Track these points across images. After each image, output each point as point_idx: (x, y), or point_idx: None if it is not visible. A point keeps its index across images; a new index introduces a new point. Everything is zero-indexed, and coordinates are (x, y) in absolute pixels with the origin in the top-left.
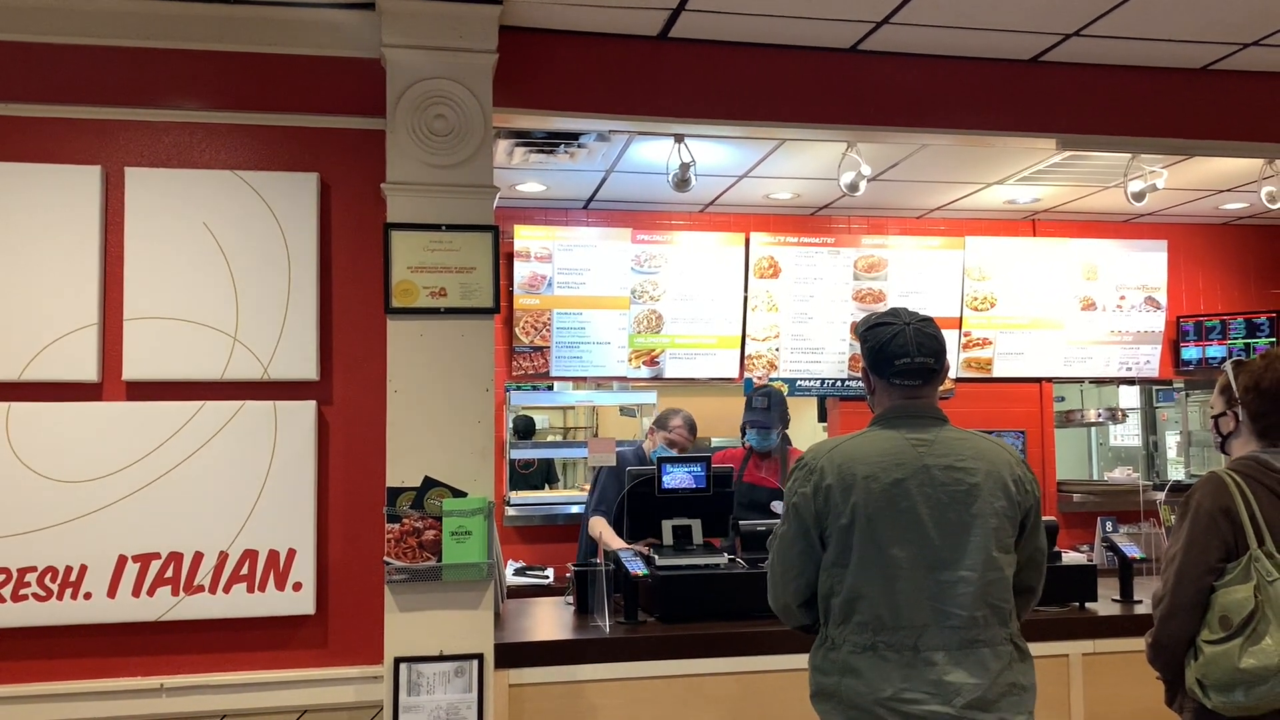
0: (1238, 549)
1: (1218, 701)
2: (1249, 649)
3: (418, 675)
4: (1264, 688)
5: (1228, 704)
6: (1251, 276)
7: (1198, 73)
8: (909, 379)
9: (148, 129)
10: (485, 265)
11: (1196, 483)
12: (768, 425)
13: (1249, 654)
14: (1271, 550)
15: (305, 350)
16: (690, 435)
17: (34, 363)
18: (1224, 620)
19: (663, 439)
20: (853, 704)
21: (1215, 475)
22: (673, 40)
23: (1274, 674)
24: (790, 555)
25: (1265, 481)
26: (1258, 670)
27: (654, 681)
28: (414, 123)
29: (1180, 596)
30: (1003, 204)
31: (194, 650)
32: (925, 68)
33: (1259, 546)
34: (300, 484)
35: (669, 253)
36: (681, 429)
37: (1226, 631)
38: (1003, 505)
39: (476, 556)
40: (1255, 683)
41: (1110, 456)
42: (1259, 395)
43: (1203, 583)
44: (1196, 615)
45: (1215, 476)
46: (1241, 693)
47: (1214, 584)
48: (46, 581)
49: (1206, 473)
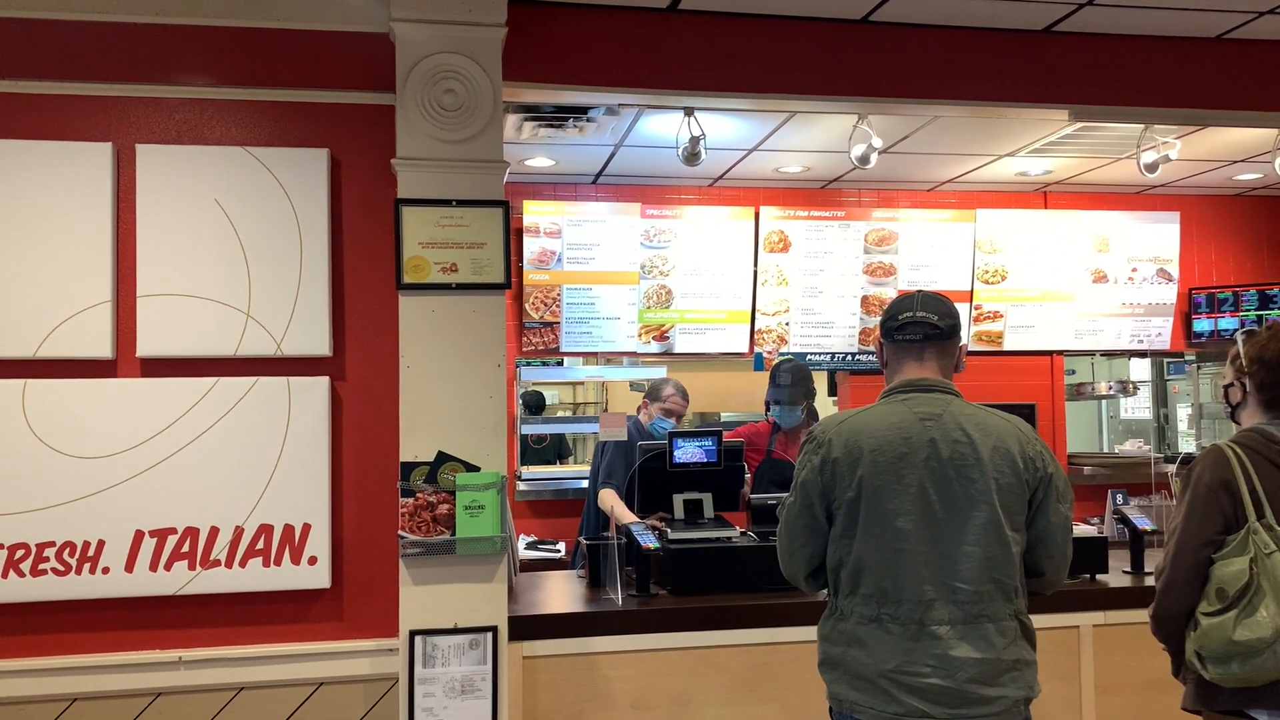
0: (1237, 522)
1: (1215, 673)
2: (1243, 621)
3: (433, 648)
4: (1259, 659)
5: (1225, 675)
6: (1264, 248)
7: (1212, 41)
8: (910, 333)
9: (158, 105)
10: (496, 241)
11: (1199, 455)
12: (794, 402)
13: (1243, 626)
14: (1271, 523)
15: (318, 326)
16: (684, 402)
17: (49, 340)
18: (1220, 593)
19: (659, 410)
20: (858, 674)
21: (1216, 448)
22: (682, 12)
23: (1268, 646)
24: (795, 528)
25: (1267, 454)
26: (1251, 642)
27: (666, 653)
28: (424, 98)
29: (1179, 569)
30: (1014, 176)
31: (211, 624)
32: (937, 38)
33: (1258, 519)
34: (314, 459)
35: (678, 227)
36: (675, 397)
37: (1223, 604)
38: (1010, 481)
39: (490, 530)
40: (1250, 654)
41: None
42: (1263, 366)
43: (1201, 555)
44: (1195, 588)
45: (1216, 449)
46: (1238, 664)
47: (1212, 556)
48: (65, 556)
49: (1209, 445)
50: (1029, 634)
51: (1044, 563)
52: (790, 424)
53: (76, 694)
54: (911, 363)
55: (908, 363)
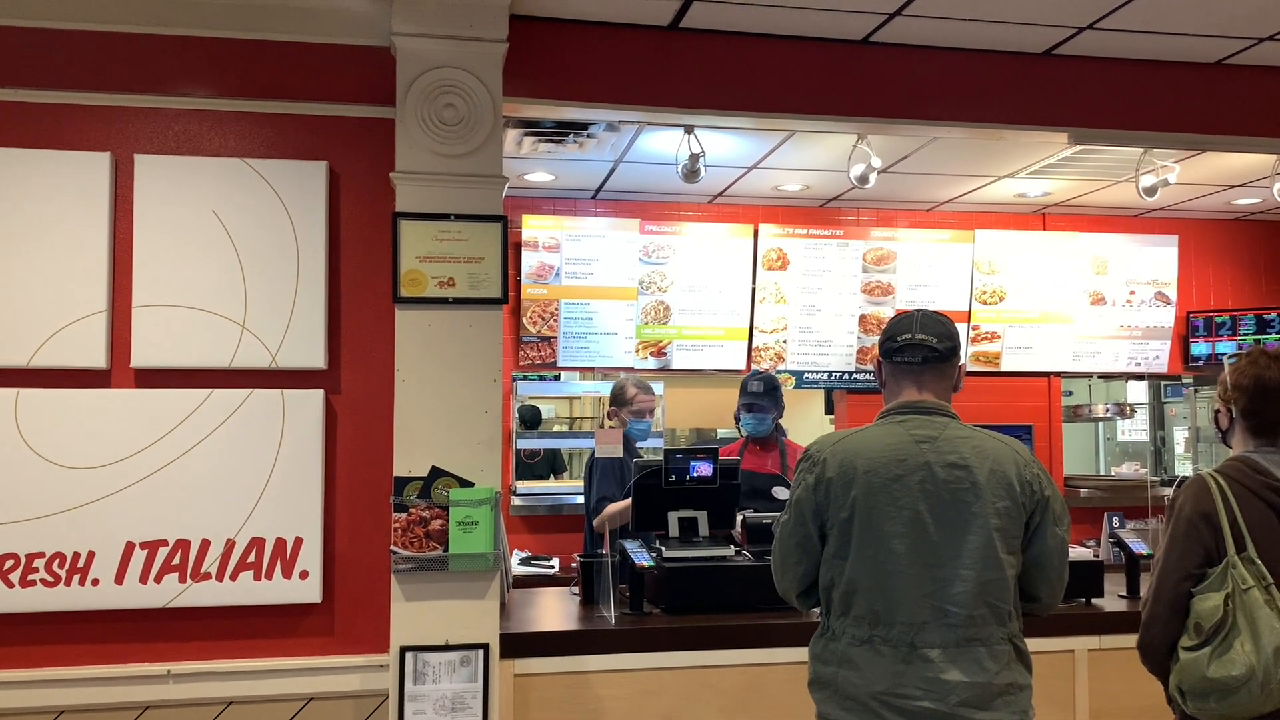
0: (1218, 554)
1: (1194, 708)
2: (1217, 658)
3: (423, 664)
4: (1236, 697)
5: (1203, 710)
6: (1262, 272)
7: (1211, 67)
8: (908, 355)
9: (157, 116)
10: (494, 255)
11: (1183, 484)
12: (764, 410)
13: (1217, 663)
14: (1251, 557)
15: (313, 339)
16: (651, 396)
17: (43, 349)
18: (1197, 628)
19: (629, 415)
20: (848, 695)
21: (1199, 478)
22: (683, 30)
23: (1243, 684)
24: (788, 545)
25: (1249, 484)
26: (1225, 680)
27: (660, 673)
28: (424, 112)
29: (1159, 604)
30: (1013, 197)
31: (201, 637)
32: (937, 60)
33: (1238, 553)
34: (307, 473)
35: (677, 244)
36: (641, 395)
37: (1199, 639)
38: (1006, 505)
39: (483, 546)
40: (1226, 692)
41: (1118, 452)
42: (1242, 393)
43: (1180, 589)
44: (1176, 621)
45: (1199, 479)
46: (1215, 700)
47: (1192, 590)
48: (55, 567)
49: (1193, 474)
50: (1024, 657)
51: (1040, 586)
52: (760, 432)
53: (64, 706)
54: (909, 385)
55: (906, 385)
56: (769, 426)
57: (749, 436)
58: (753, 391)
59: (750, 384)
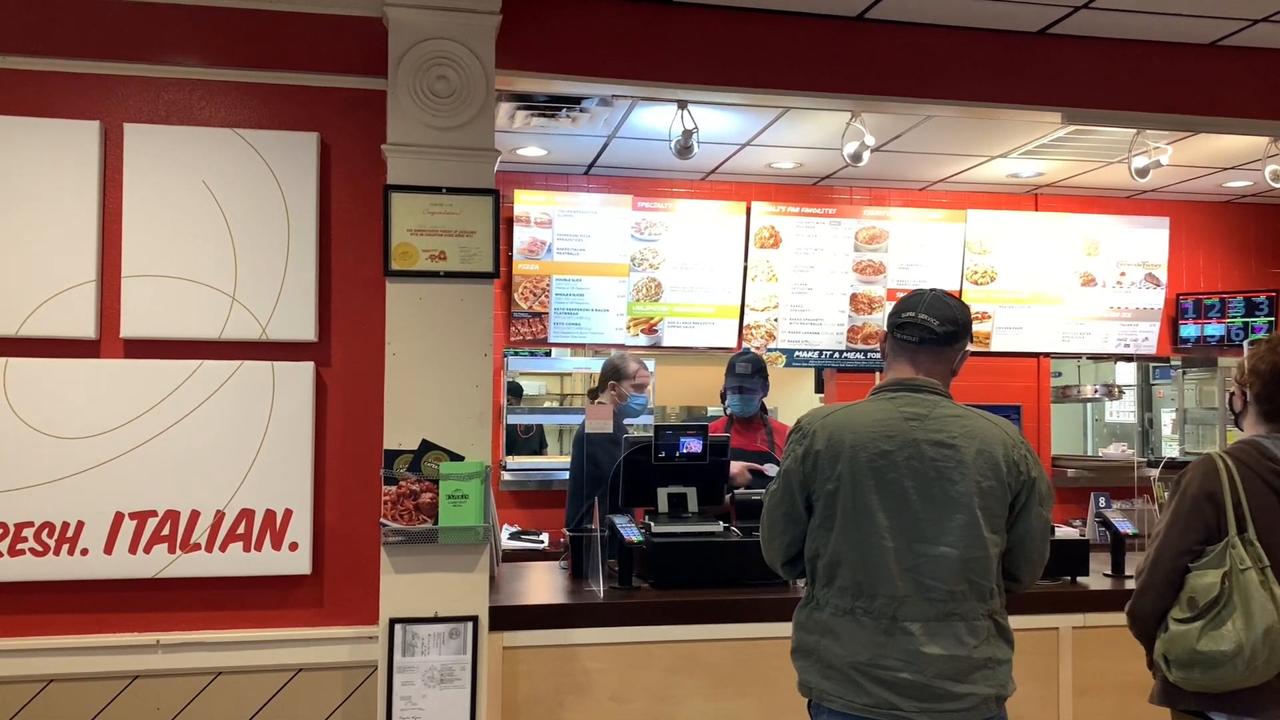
0: (1219, 533)
1: (1177, 676)
2: (1209, 632)
3: (412, 636)
4: (1220, 670)
5: (1186, 679)
6: (1252, 255)
7: (1206, 48)
8: (907, 334)
9: (147, 85)
10: (485, 229)
11: (1192, 462)
12: (753, 391)
13: (1207, 637)
14: (1251, 539)
15: (304, 311)
16: (649, 372)
17: (31, 318)
18: (1191, 602)
19: (630, 388)
20: (829, 664)
21: (1209, 458)
22: (678, 5)
23: (1229, 659)
24: (775, 515)
25: (1258, 469)
26: (1213, 654)
27: (647, 646)
28: (415, 84)
29: (1155, 574)
30: (1005, 178)
31: (190, 608)
32: (932, 37)
33: (1239, 534)
34: (297, 445)
35: (669, 220)
36: (643, 371)
37: (1192, 613)
38: (992, 485)
39: (473, 520)
40: (1212, 664)
41: (1105, 432)
42: (1258, 377)
43: (1178, 563)
44: (1169, 593)
45: (1208, 459)
46: (1199, 671)
47: (1189, 565)
48: (43, 537)
49: (1204, 453)
50: (1004, 633)
51: (1020, 565)
52: (747, 412)
53: (53, 675)
54: (905, 362)
55: (902, 362)
56: (755, 406)
57: (736, 415)
58: (741, 373)
59: (738, 365)
